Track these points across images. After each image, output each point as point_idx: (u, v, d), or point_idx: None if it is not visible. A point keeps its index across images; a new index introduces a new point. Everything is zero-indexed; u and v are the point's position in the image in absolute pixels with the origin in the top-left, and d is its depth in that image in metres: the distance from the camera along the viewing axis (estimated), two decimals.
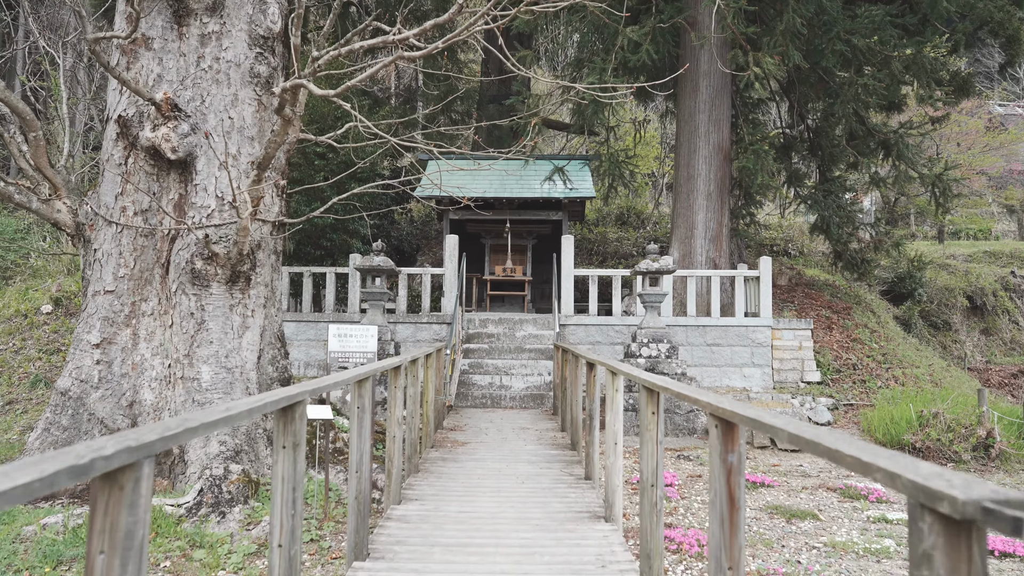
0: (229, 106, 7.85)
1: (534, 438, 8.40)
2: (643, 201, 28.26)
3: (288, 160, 8.48)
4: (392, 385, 5.32)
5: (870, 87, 12.97)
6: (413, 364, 6.42)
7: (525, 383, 11.75)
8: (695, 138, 14.00)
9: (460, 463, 6.88)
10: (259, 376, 8.02)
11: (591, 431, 6.19)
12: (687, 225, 13.97)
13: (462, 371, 12.03)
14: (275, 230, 8.44)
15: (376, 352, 6.88)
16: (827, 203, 15.04)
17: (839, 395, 12.07)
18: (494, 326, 13.15)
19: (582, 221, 20.98)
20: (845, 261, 16.00)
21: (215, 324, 7.67)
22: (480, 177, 17.02)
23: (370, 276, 11.53)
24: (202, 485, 6.78)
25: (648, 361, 10.94)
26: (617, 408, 4.93)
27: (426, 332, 12.99)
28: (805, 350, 12.78)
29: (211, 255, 7.56)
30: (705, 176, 13.88)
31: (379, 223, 18.07)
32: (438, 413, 8.98)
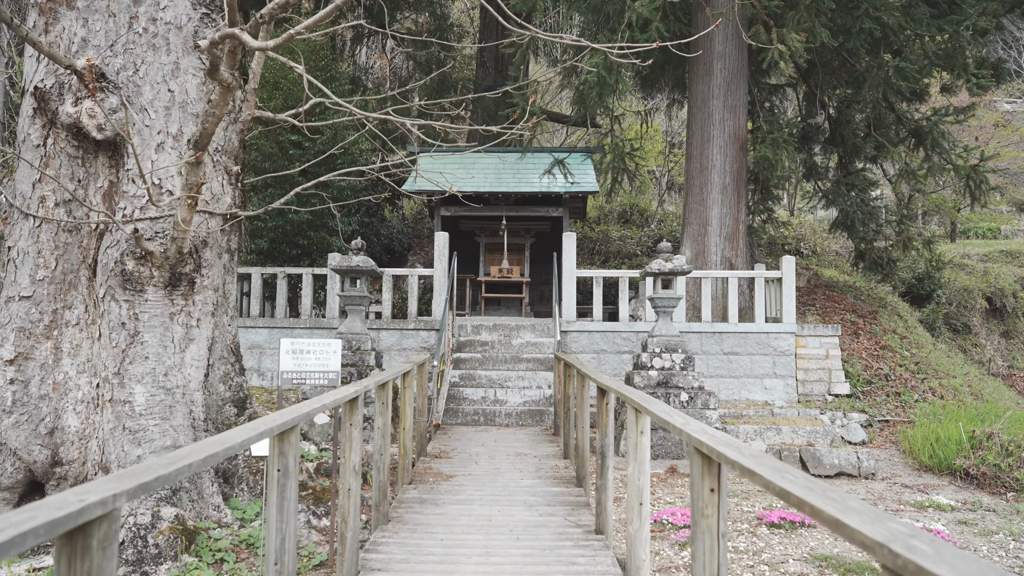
0: (168, 76, 6.60)
1: (532, 468, 7.16)
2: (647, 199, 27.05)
3: (243, 142, 7.23)
4: (347, 422, 4.08)
5: (902, 70, 11.74)
6: (382, 389, 5.19)
7: (522, 397, 10.51)
8: (708, 126, 12.77)
9: (442, 507, 5.63)
10: (207, 396, 6.77)
11: (602, 473, 4.96)
12: (700, 221, 12.74)
13: (452, 384, 10.79)
14: (227, 224, 7.19)
15: (339, 372, 5.68)
16: (850, 197, 13.82)
17: (872, 410, 10.84)
18: (488, 333, 11.92)
19: (583, 219, 19.75)
20: (869, 260, 14.77)
21: (152, 336, 6.43)
22: (475, 171, 15.79)
23: (349, 278, 10.29)
24: (123, 536, 5.54)
25: (661, 374, 9.70)
26: (642, 457, 3.70)
27: (413, 340, 11.75)
28: (832, 359, 11.55)
29: (144, 254, 6.31)
30: (720, 167, 12.65)
31: (368, 221, 16.86)
32: (420, 438, 7.74)
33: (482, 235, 16.62)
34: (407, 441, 6.36)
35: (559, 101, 27.78)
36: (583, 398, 6.37)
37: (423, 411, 7.80)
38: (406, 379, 6.40)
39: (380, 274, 10.45)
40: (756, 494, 8.13)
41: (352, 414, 4.07)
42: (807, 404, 11.14)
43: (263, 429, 2.66)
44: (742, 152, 12.82)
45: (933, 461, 8.94)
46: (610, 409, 5.01)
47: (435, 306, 11.87)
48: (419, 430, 7.72)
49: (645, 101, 22.64)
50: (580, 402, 6.39)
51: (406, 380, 6.40)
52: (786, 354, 11.48)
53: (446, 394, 10.29)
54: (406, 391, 6.39)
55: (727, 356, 11.54)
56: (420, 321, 11.77)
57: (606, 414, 5.01)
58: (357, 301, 10.18)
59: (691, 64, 13.13)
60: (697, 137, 12.95)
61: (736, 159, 12.71)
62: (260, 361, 11.80)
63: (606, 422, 5.00)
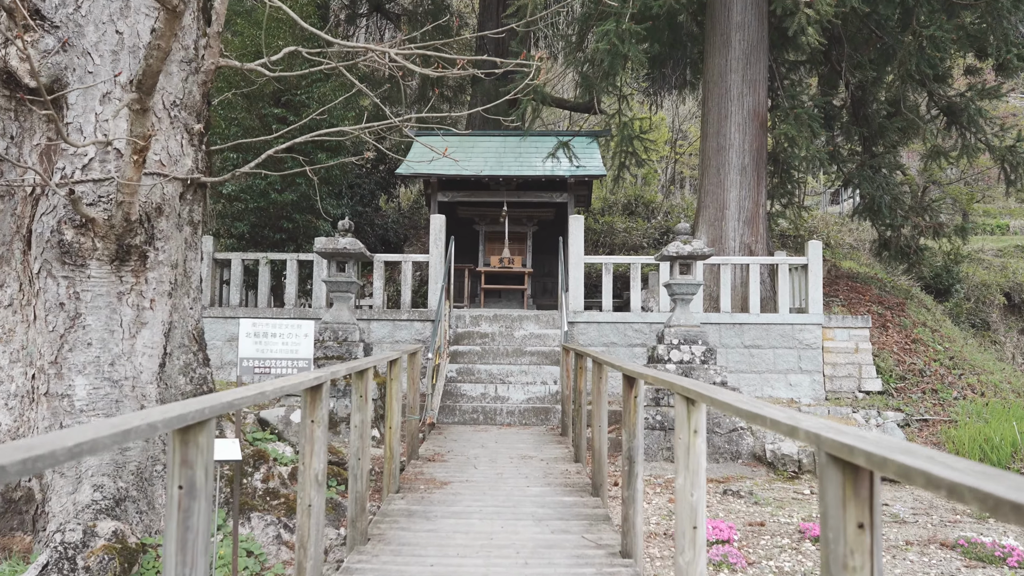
0: (116, 16, 5.66)
1: (540, 474, 6.22)
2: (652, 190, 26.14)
3: (207, 96, 6.28)
4: (307, 417, 3.14)
5: (937, 40, 10.81)
6: (359, 379, 4.25)
7: (525, 393, 9.58)
8: (726, 102, 11.83)
9: (434, 521, 4.69)
10: (162, 390, 5.84)
11: (629, 482, 4.03)
12: (717, 205, 11.80)
13: (448, 379, 9.85)
14: (189, 192, 6.26)
15: (311, 359, 4.74)
16: (876, 180, 12.88)
17: (908, 408, 9.91)
18: (488, 324, 10.98)
19: (588, 207, 18.81)
20: (894, 249, 13.84)
21: (95, 319, 5.49)
22: (474, 155, 14.86)
23: (335, 262, 9.35)
24: (48, 557, 4.61)
25: (679, 367, 8.77)
26: (696, 464, 2.77)
27: (406, 331, 10.80)
28: (862, 353, 10.62)
29: (85, 221, 5.38)
30: (738, 147, 11.71)
31: (362, 210, 15.93)
32: (412, 438, 6.80)
33: (482, 223, 15.68)
34: (394, 443, 5.42)
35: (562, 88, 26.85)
36: (600, 391, 5.43)
37: (415, 408, 6.86)
38: (393, 370, 5.47)
39: (370, 258, 9.51)
40: (791, 501, 7.21)
41: (314, 407, 3.14)
42: (836, 402, 10.21)
43: (151, 421, 1.72)
44: (762, 130, 11.89)
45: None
46: (638, 404, 4.08)
47: (431, 295, 10.93)
48: (410, 430, 6.78)
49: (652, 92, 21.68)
50: (597, 396, 5.45)
51: (393, 371, 5.46)
52: (812, 347, 10.54)
53: (442, 390, 9.36)
54: (393, 384, 5.45)
55: (748, 349, 10.60)
56: (414, 312, 10.83)
57: (634, 409, 4.07)
58: (344, 287, 9.24)
59: (707, 35, 12.20)
60: (713, 114, 12.01)
61: (756, 137, 11.77)
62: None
63: (634, 420, 4.07)
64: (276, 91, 10.80)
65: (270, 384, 2.62)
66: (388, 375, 5.46)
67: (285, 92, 11.06)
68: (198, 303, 6.45)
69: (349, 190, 15.60)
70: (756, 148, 11.78)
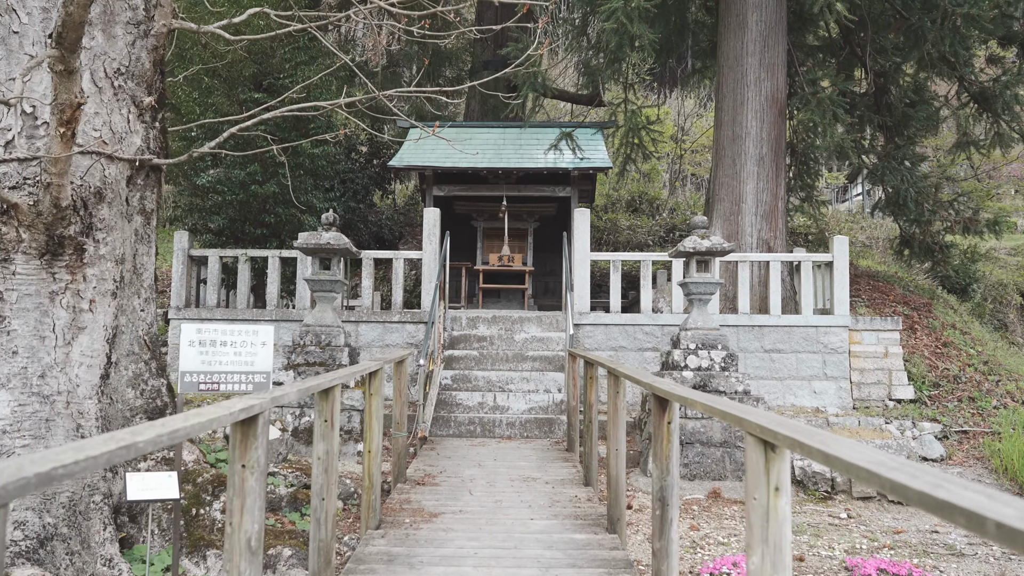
0: None
1: (545, 501, 5.38)
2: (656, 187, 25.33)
3: (159, 65, 5.44)
4: (236, 461, 2.30)
5: (973, 18, 9.98)
6: (325, 398, 3.42)
7: (527, 403, 8.74)
8: (742, 88, 11.00)
9: (419, 570, 3.86)
10: (105, 406, 5.02)
11: (662, 529, 3.20)
12: (732, 198, 10.97)
13: (443, 386, 9.02)
14: (140, 176, 5.42)
15: (271, 372, 3.91)
16: (901, 172, 12.05)
17: (945, 418, 9.08)
18: (486, 326, 10.14)
19: (591, 204, 17.96)
20: (919, 246, 13.02)
21: (22, 323, 4.67)
22: (471, 146, 14.00)
23: (318, 259, 8.52)
24: None
25: (697, 375, 7.94)
26: (779, 539, 1.93)
27: (397, 335, 9.97)
28: (892, 357, 9.79)
29: (7, 207, 4.56)
30: (756, 135, 10.88)
31: (355, 206, 15.09)
32: (399, 458, 5.96)
33: (480, 219, 14.83)
34: (373, 469, 4.59)
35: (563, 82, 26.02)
36: (616, 409, 4.60)
37: (402, 423, 6.03)
38: (373, 383, 4.63)
39: (357, 255, 8.67)
40: (829, 528, 6.38)
41: (245, 447, 2.29)
42: (866, 411, 9.38)
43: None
44: (780, 118, 11.06)
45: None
46: (673, 432, 3.24)
47: (424, 294, 10.10)
48: (397, 448, 5.95)
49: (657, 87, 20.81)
50: (613, 413, 4.62)
51: (373, 384, 4.62)
52: (839, 352, 9.71)
53: (435, 399, 8.52)
54: (373, 400, 4.61)
55: (768, 354, 9.77)
56: (407, 313, 9.99)
57: (667, 439, 3.24)
58: (328, 287, 8.41)
59: (721, 15, 11.37)
60: (728, 101, 11.18)
61: (774, 125, 10.94)
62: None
63: (667, 451, 3.23)
64: (256, 74, 9.97)
65: (161, 427, 1.78)
66: (367, 389, 4.63)
67: (266, 75, 10.23)
68: (151, 304, 5.61)
69: (341, 185, 14.79)
70: (775, 137, 10.95)
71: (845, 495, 7.34)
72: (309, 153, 10.22)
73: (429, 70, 18.79)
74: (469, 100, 19.86)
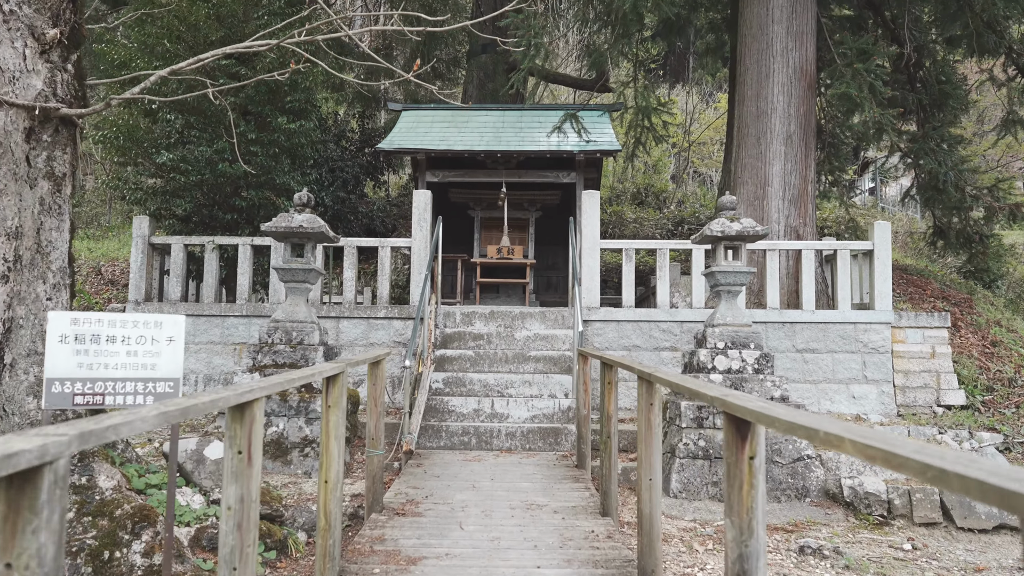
0: None
1: (554, 539, 4.28)
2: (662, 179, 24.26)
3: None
4: None
5: None
6: (240, 417, 2.32)
7: (529, 410, 7.64)
8: (767, 58, 9.91)
9: None
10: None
11: None
12: (756, 181, 9.87)
13: (433, 391, 7.92)
14: (46, 130, 4.31)
15: (180, 380, 2.85)
16: (940, 153, 10.96)
17: (1005, 427, 7.98)
18: (483, 323, 9.04)
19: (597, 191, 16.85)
20: (953, 237, 11.93)
21: None
22: (468, 130, 12.94)
23: (290, 244, 7.43)
24: None
25: (727, 378, 6.85)
26: None
27: (383, 332, 8.87)
28: (940, 358, 8.70)
29: None
30: (783, 111, 9.79)
31: (344, 196, 14.01)
32: (373, 482, 4.86)
33: (477, 208, 13.75)
34: (331, 504, 3.49)
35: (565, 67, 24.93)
36: (650, 424, 3.51)
37: (378, 438, 4.92)
38: (331, 390, 3.53)
39: (334, 240, 7.57)
40: (894, 564, 5.28)
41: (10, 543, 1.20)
42: (913, 419, 8.29)
43: None
44: (810, 92, 9.96)
45: None
46: (757, 471, 2.15)
47: (413, 287, 9.00)
48: (371, 470, 4.85)
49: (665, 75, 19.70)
50: (645, 431, 3.53)
51: (331, 392, 3.52)
52: (880, 351, 8.62)
53: (424, 406, 7.41)
54: (332, 414, 3.51)
55: (801, 354, 8.68)
56: (394, 308, 8.89)
57: (748, 482, 2.14)
58: (300, 276, 7.31)
59: None
60: (752, 73, 10.09)
61: (803, 100, 9.85)
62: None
63: (747, 501, 2.14)
64: (224, 38, 8.86)
65: None
66: (324, 400, 3.53)
67: (236, 41, 9.11)
68: (63, 292, 4.48)
69: (330, 174, 13.70)
70: (804, 113, 9.85)
71: (904, 520, 6.25)
72: (285, 129, 9.10)
73: (423, 52, 17.69)
74: (466, 85, 18.77)
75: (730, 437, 2.22)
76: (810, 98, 9.96)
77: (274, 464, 6.67)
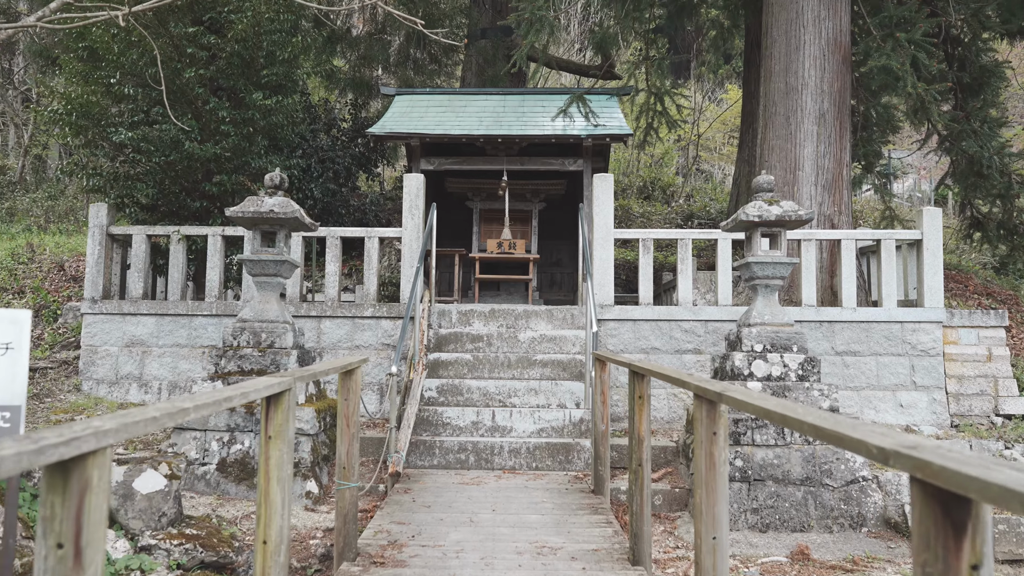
0: None
1: None
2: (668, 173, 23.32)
3: None
4: None
5: None
6: (58, 483, 1.33)
7: (536, 422, 6.66)
8: (797, 28, 8.94)
9: None
10: None
11: None
12: (786, 165, 8.90)
13: (426, 400, 6.93)
14: None
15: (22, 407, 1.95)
16: (982, 135, 9.99)
17: None
18: (483, 323, 8.06)
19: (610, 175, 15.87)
20: (993, 229, 10.95)
21: None
22: (466, 115, 11.97)
23: (260, 232, 6.45)
24: None
25: (768, 385, 5.87)
26: None
27: (370, 333, 7.88)
28: (998, 361, 7.73)
29: None
30: (815, 87, 8.81)
31: (335, 189, 13.02)
32: (345, 521, 3.87)
33: (476, 199, 12.76)
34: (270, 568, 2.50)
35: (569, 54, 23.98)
36: (712, 460, 2.54)
37: (350, 467, 3.93)
38: (274, 414, 2.55)
39: (312, 228, 6.58)
40: None
41: None
42: (970, 430, 7.31)
43: None
44: (845, 66, 8.99)
45: None
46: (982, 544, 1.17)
47: (403, 281, 8.02)
48: (342, 508, 3.86)
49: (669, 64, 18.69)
50: (707, 470, 2.55)
51: (273, 418, 2.54)
52: (931, 354, 7.64)
53: (414, 418, 6.43)
54: (271, 448, 2.53)
55: (841, 357, 7.70)
56: (382, 307, 7.91)
57: None
58: (272, 269, 6.32)
59: None
60: (780, 46, 9.11)
61: (837, 75, 8.87)
62: (143, 366, 7.92)
63: None
64: (193, 3, 7.87)
65: None
66: (263, 429, 2.55)
67: (207, 8, 8.13)
68: None
69: (320, 165, 12.73)
70: (838, 89, 8.88)
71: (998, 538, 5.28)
72: (260, 106, 8.11)
73: (419, 37, 16.73)
74: (465, 72, 17.80)
75: (934, 521, 1.23)
76: (845, 73, 8.98)
77: (238, 488, 5.69)
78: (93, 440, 1.40)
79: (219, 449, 5.80)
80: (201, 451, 5.81)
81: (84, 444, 1.37)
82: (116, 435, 1.48)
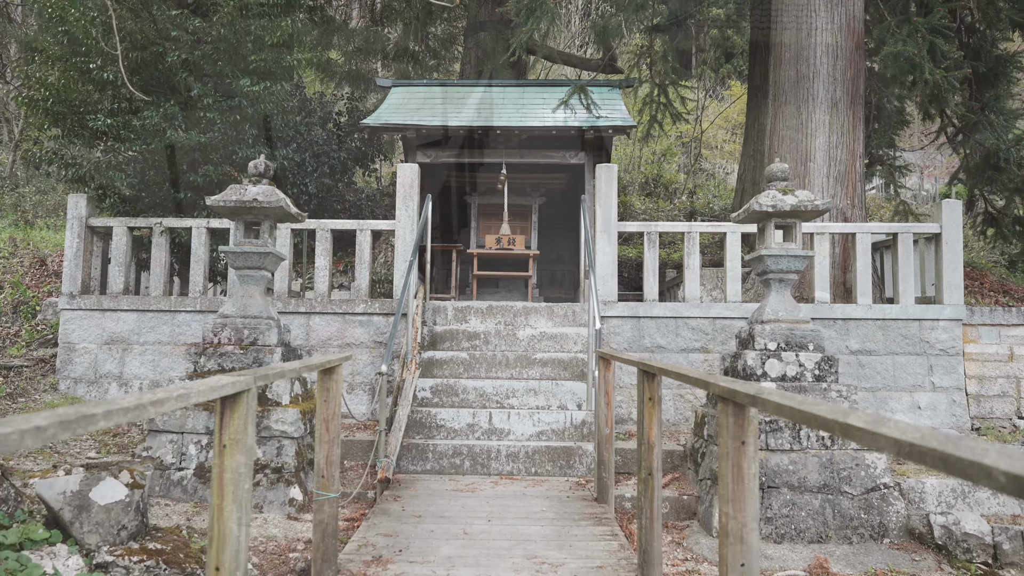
0: None
1: None
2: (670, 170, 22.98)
3: None
4: None
5: None
6: None
7: (535, 425, 6.29)
8: (808, 13, 8.57)
9: None
10: None
11: None
12: (796, 156, 8.53)
13: (419, 400, 6.56)
14: None
15: None
16: (999, 126, 9.62)
17: None
18: (480, 320, 7.69)
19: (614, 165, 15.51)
20: (1008, 225, 10.58)
21: None
22: (464, 107, 11.59)
23: (243, 223, 6.08)
24: None
25: (782, 386, 5.51)
26: None
27: (362, 329, 7.51)
28: (1020, 361, 7.36)
29: None
30: (827, 75, 8.45)
31: (330, 183, 12.65)
32: (324, 536, 3.51)
33: (474, 193, 12.40)
34: None
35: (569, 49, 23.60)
36: (740, 473, 2.19)
37: (330, 476, 3.57)
38: (228, 421, 2.18)
39: (299, 218, 6.21)
40: None
41: None
42: (992, 433, 6.95)
43: None
44: (858, 53, 8.62)
45: None
46: None
47: (396, 275, 7.65)
48: (322, 521, 3.50)
49: None
50: (734, 485, 2.19)
51: (227, 426, 2.18)
52: (949, 353, 7.27)
53: (406, 420, 6.06)
54: (225, 458, 2.17)
55: (855, 356, 7.34)
56: (374, 303, 7.55)
57: None
58: (255, 262, 5.96)
59: None
60: (790, 32, 8.74)
61: (851, 62, 8.51)
62: (123, 364, 7.55)
63: None
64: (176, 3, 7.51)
65: None
66: (218, 437, 2.19)
67: None
68: None
69: (315, 159, 12.35)
70: (851, 77, 8.51)
71: (1016, 571, 4.91)
72: (248, 92, 7.74)
73: (417, 28, 16.36)
74: (463, 66, 17.43)
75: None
76: (859, 60, 8.62)
77: None
78: None
79: (197, 453, 5.43)
80: (178, 455, 5.45)
81: None
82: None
